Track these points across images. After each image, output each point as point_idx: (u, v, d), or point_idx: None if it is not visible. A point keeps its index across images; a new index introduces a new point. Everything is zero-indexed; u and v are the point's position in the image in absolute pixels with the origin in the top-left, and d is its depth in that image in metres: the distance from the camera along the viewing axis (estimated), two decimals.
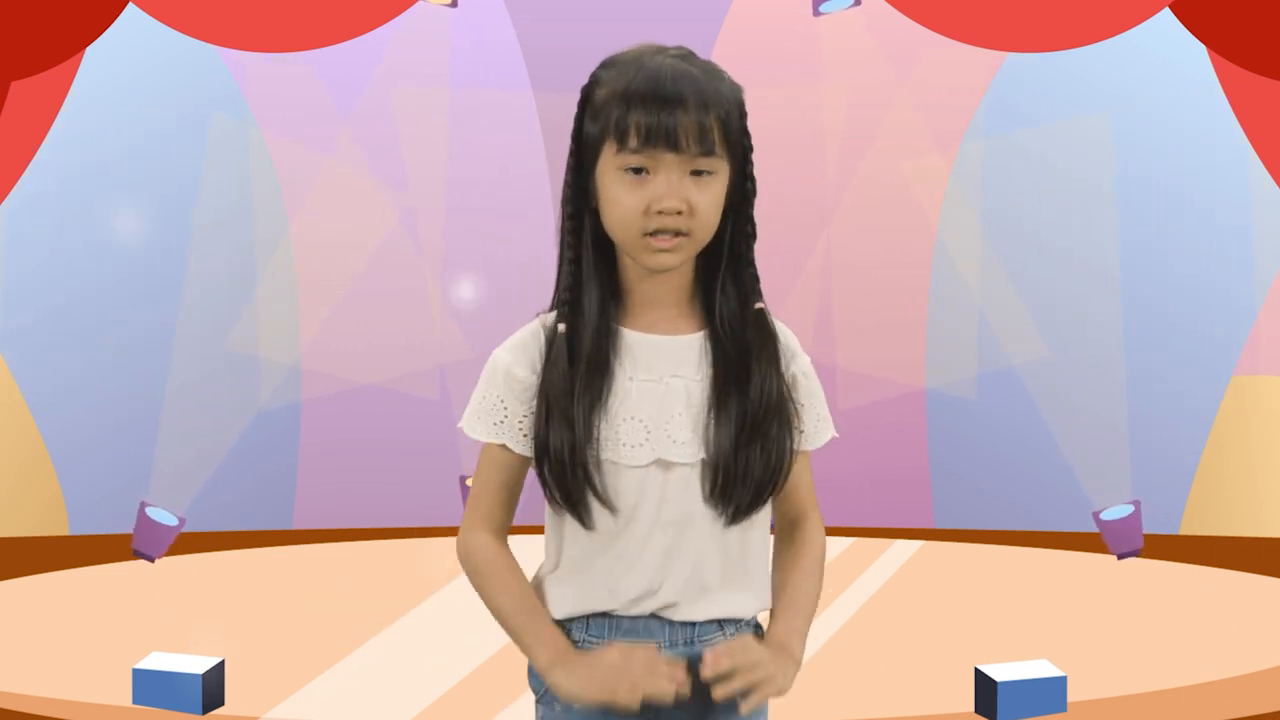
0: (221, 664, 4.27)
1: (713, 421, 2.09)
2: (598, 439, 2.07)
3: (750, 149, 2.16)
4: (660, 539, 2.09)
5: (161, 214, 6.26)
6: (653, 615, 2.11)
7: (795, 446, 2.16)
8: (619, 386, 2.09)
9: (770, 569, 2.22)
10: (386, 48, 5.99)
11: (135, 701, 4.23)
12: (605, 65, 2.14)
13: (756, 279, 2.18)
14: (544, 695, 2.16)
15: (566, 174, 2.15)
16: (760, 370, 2.11)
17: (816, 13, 5.41)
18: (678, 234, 2.07)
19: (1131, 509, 5.76)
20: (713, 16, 6.27)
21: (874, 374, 6.47)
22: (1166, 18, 4.72)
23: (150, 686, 4.21)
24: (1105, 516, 5.71)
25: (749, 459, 2.09)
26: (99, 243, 6.23)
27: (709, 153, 2.07)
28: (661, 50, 2.13)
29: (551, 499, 2.10)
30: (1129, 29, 4.76)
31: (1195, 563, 6.00)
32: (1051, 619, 5.33)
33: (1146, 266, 6.25)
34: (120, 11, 4.64)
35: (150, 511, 5.69)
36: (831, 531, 7.25)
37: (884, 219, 6.39)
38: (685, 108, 2.05)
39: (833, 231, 6.41)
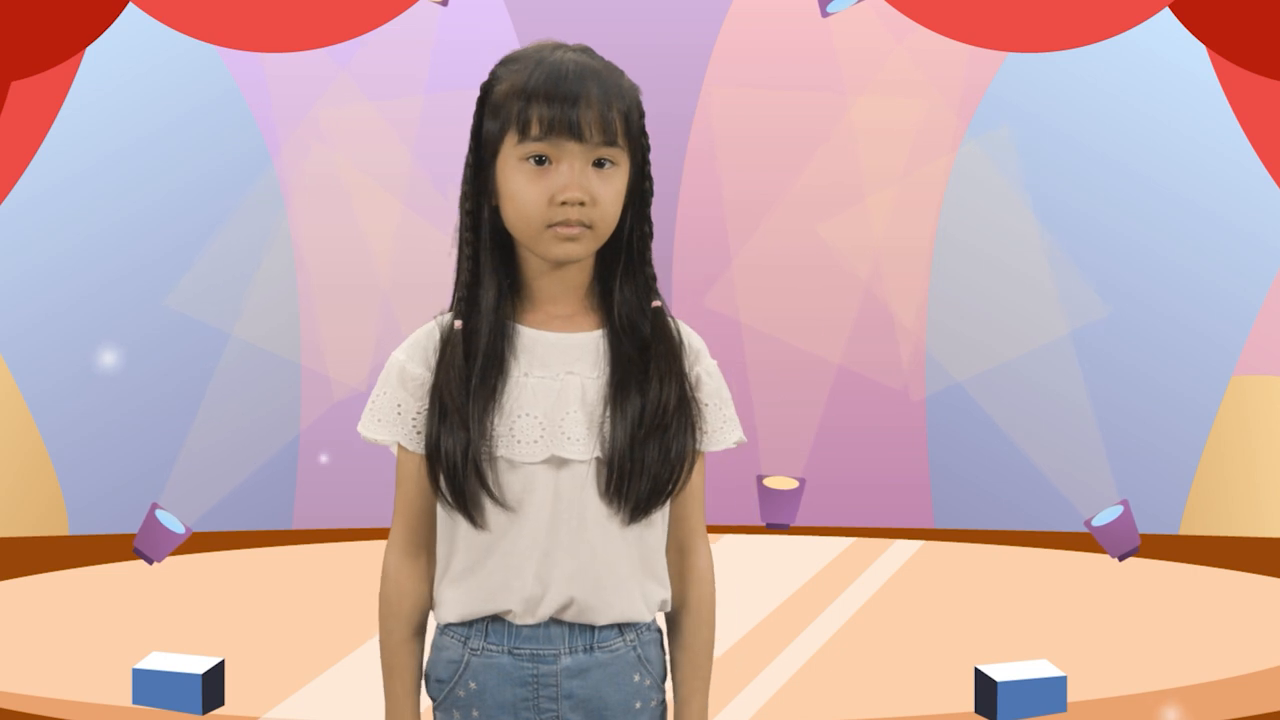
0: (221, 664, 4.27)
1: (608, 419, 2.07)
2: (492, 436, 2.05)
3: (649, 149, 2.13)
4: (554, 536, 2.07)
5: (161, 214, 6.26)
6: (553, 620, 2.09)
7: (697, 446, 2.13)
8: (514, 383, 2.08)
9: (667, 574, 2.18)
10: (386, 47, 6.00)
11: (135, 701, 4.23)
12: (504, 62, 2.12)
13: (654, 278, 2.15)
14: (441, 703, 2.15)
15: (465, 171, 2.13)
16: (659, 368, 2.09)
17: (825, 14, 5.41)
18: (580, 225, 2.05)
19: (1121, 509, 5.76)
20: (713, 16, 6.27)
21: (874, 374, 6.47)
22: (1166, 18, 4.72)
23: (150, 686, 4.21)
24: (1096, 522, 5.70)
25: (646, 455, 2.06)
26: (99, 243, 6.24)
27: (611, 142, 2.05)
28: (561, 46, 2.12)
29: (442, 499, 2.08)
30: (1129, 29, 4.76)
31: (1195, 563, 6.00)
32: (1051, 619, 5.33)
33: (1147, 266, 6.25)
34: (120, 11, 4.65)
35: (160, 514, 5.68)
36: (831, 531, 7.21)
37: (884, 219, 6.39)
38: (588, 99, 2.04)
39: (830, 231, 6.41)
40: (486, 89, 2.11)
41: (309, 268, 6.40)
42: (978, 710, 4.23)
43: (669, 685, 2.20)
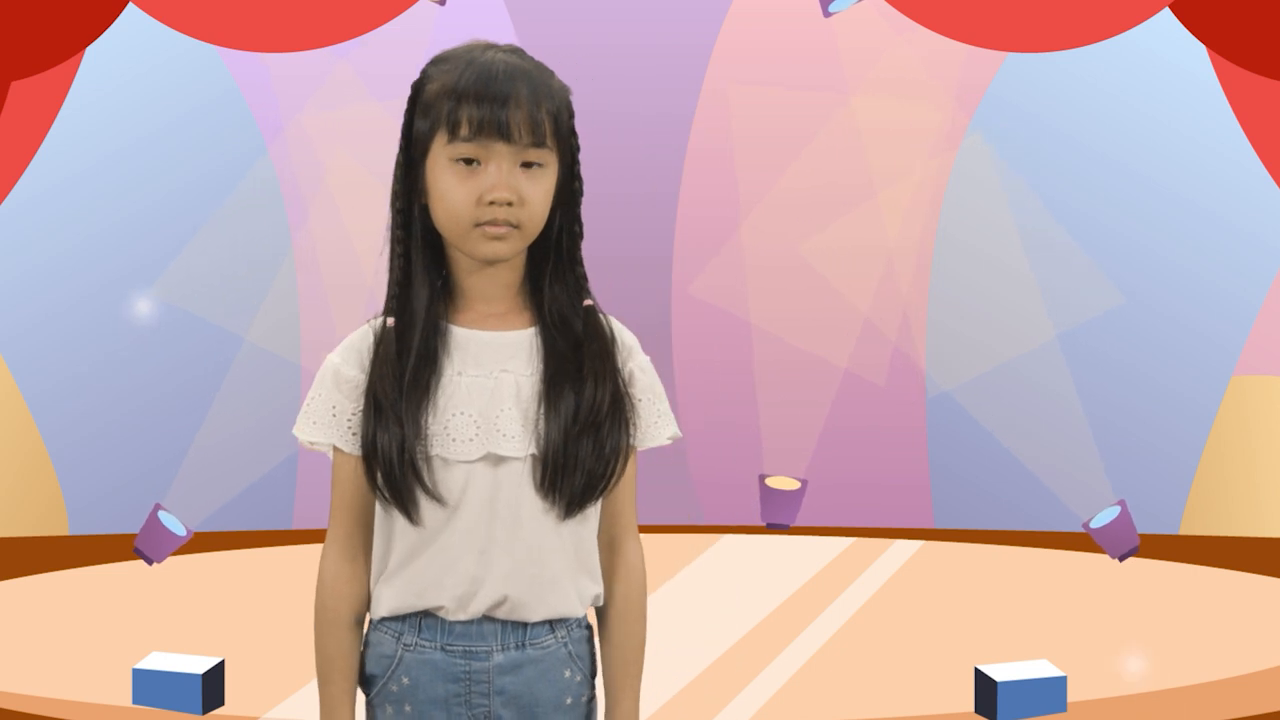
0: (221, 664, 4.27)
1: (543, 416, 2.09)
2: (426, 435, 2.07)
3: (578, 149, 2.15)
4: (490, 532, 2.09)
5: (161, 214, 6.26)
6: (485, 618, 2.11)
7: (632, 441, 2.15)
8: (447, 382, 2.09)
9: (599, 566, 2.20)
10: (385, 47, 5.99)
11: (135, 701, 4.23)
12: (435, 61, 2.14)
13: (584, 278, 2.17)
14: (374, 697, 2.17)
15: (395, 169, 2.15)
16: (592, 364, 2.11)
17: (827, 14, 5.42)
18: (508, 225, 2.07)
19: (1119, 509, 5.75)
20: (713, 16, 6.27)
21: (874, 374, 6.47)
22: (1166, 18, 4.72)
23: (150, 686, 4.21)
24: (1094, 524, 5.70)
25: (580, 450, 2.08)
26: (99, 243, 6.24)
27: (540, 144, 2.07)
28: (492, 46, 2.14)
29: (380, 497, 2.10)
30: (1129, 29, 4.76)
31: (1195, 563, 6.00)
32: (1051, 619, 5.33)
33: (1147, 266, 6.25)
34: (120, 11, 4.65)
35: (162, 515, 5.67)
36: (831, 531, 7.21)
37: (884, 218, 6.39)
38: (517, 100, 2.05)
39: (830, 230, 6.41)
40: (417, 88, 2.14)
41: (309, 268, 6.40)
42: (978, 710, 4.23)
43: (599, 680, 2.21)
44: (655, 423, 2.17)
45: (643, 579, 2.21)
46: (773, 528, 6.35)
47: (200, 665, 4.23)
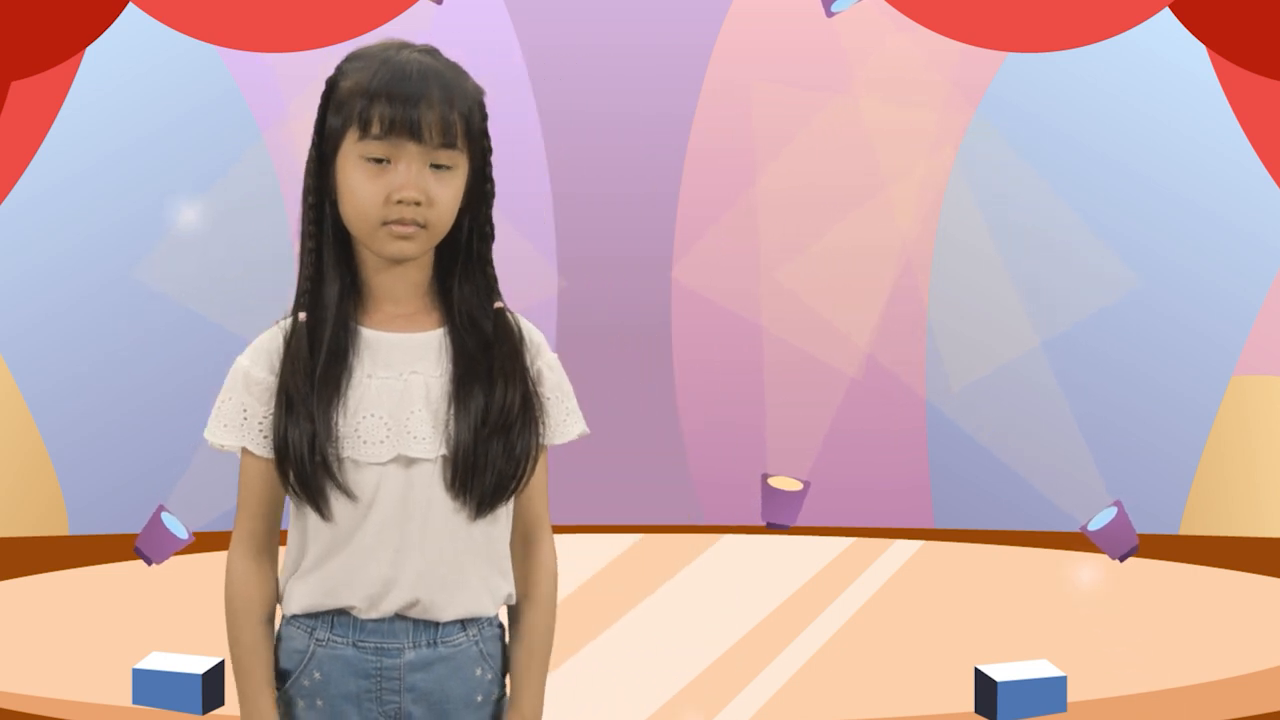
0: (221, 664, 4.27)
1: (453, 416, 2.10)
2: (338, 436, 2.08)
3: (490, 150, 2.16)
4: (401, 532, 2.10)
5: (160, 214, 6.26)
6: (397, 616, 2.13)
7: (542, 440, 2.16)
8: (358, 383, 2.11)
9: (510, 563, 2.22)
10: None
11: (135, 701, 4.23)
12: (350, 58, 2.14)
13: (495, 279, 2.18)
14: (286, 691, 2.19)
15: (307, 164, 2.16)
16: (502, 365, 2.12)
17: (829, 13, 5.41)
18: (415, 224, 2.08)
19: (1116, 510, 5.75)
20: (713, 16, 6.27)
21: (873, 375, 6.47)
22: (1166, 18, 4.73)
23: (150, 686, 4.21)
24: (1092, 526, 5.70)
25: (490, 450, 2.10)
26: (99, 243, 6.24)
27: (450, 145, 2.08)
28: (407, 46, 2.14)
29: (292, 493, 2.12)
30: (1129, 29, 4.77)
31: (1195, 563, 6.00)
32: (1051, 619, 5.33)
33: (1147, 266, 6.25)
34: (120, 11, 4.65)
35: (165, 517, 5.67)
36: (831, 531, 7.20)
37: (885, 218, 6.39)
38: (429, 101, 2.06)
39: (831, 230, 6.41)
40: (331, 84, 2.14)
41: None
42: (978, 710, 4.23)
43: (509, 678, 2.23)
44: (564, 420, 2.20)
45: (554, 577, 2.23)
46: (773, 527, 6.35)
47: (200, 665, 4.23)
